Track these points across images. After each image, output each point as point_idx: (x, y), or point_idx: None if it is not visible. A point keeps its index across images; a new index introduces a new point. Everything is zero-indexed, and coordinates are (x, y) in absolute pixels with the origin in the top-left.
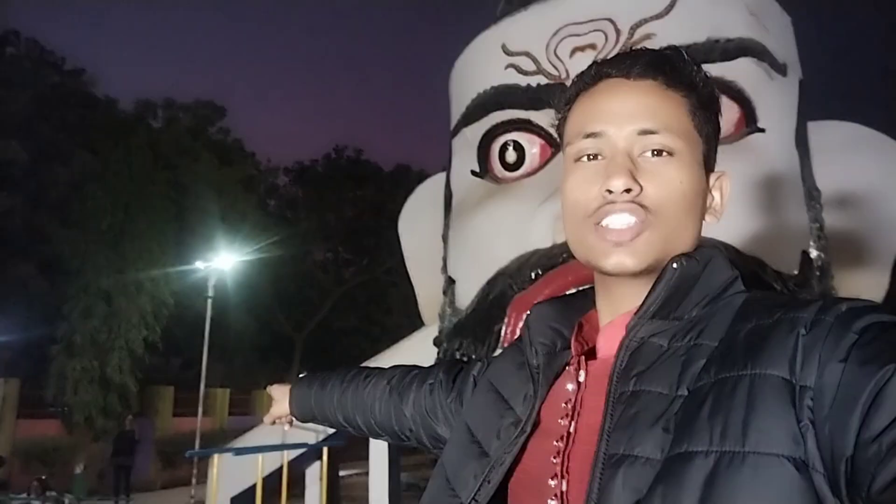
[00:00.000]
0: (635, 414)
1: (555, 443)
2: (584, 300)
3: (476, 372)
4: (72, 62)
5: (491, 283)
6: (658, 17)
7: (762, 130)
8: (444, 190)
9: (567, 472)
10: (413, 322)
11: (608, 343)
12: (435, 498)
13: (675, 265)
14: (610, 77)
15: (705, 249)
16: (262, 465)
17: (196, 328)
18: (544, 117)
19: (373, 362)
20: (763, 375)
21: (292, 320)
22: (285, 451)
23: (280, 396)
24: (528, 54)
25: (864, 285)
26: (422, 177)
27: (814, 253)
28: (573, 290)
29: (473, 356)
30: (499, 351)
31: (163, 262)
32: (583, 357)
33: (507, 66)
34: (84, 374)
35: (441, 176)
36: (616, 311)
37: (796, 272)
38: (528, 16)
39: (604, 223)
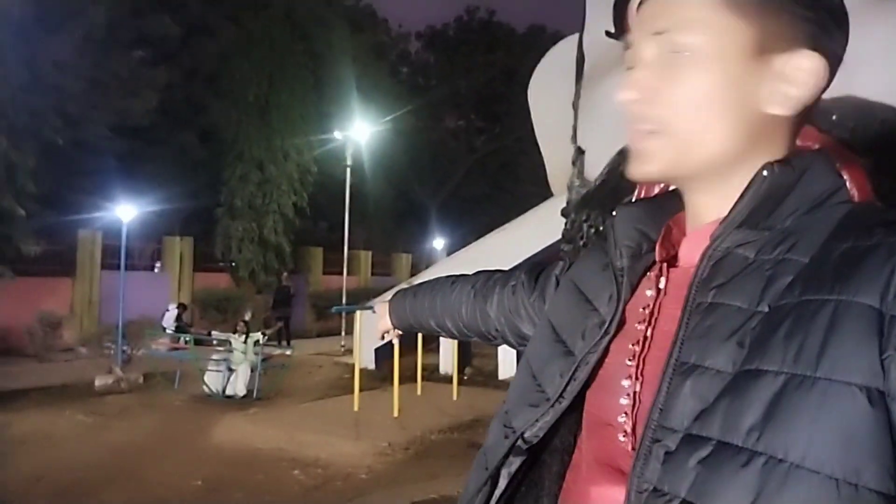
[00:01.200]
0: (710, 326)
1: (630, 346)
2: (675, 201)
3: (558, 272)
4: None
5: (621, 154)
6: None
7: None
8: (576, 54)
9: (641, 374)
10: (543, 191)
11: (691, 251)
12: (523, 391)
13: (765, 172)
14: None
15: (804, 155)
16: None
17: (338, 195)
18: None
19: (502, 231)
20: (850, 303)
21: (426, 188)
22: None
23: (382, 312)
24: None
25: None
26: (557, 38)
27: None
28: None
29: (601, 228)
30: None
31: (305, 131)
32: (665, 264)
33: None
34: (245, 234)
35: (572, 39)
36: (698, 219)
37: None
38: None
39: (629, 135)
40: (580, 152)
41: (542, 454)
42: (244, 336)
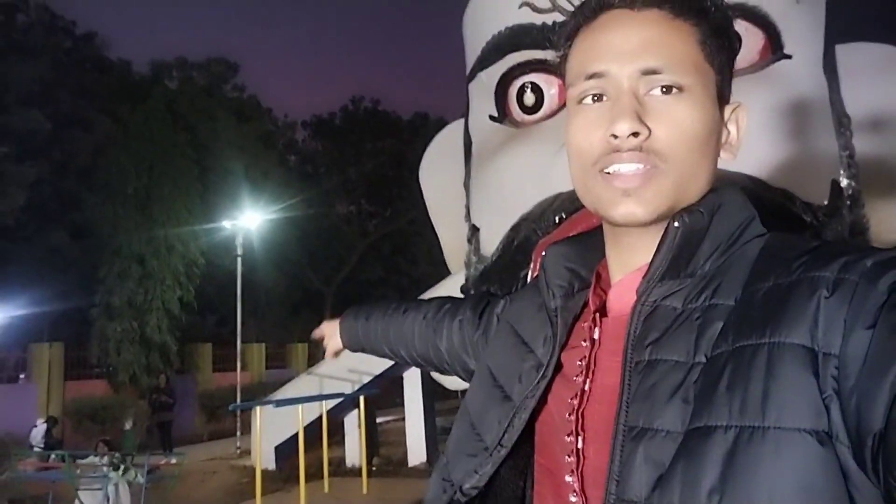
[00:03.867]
0: (653, 385)
1: (570, 400)
2: (602, 239)
3: (499, 310)
4: (83, 26)
5: (515, 229)
6: None
7: (788, 57)
8: (462, 137)
9: (582, 429)
10: (439, 271)
11: (619, 301)
12: (461, 442)
13: (676, 223)
14: (612, 8)
15: (713, 195)
16: (302, 415)
17: (228, 286)
18: None
19: None
20: (783, 344)
21: (321, 275)
22: (324, 402)
23: (331, 331)
24: None
25: None
26: (441, 124)
27: (844, 182)
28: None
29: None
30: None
31: (190, 222)
32: (597, 314)
33: (521, 6)
34: (125, 334)
35: (459, 123)
36: (625, 264)
37: (826, 202)
38: None
39: (610, 170)
40: (475, 230)
41: None
42: (104, 456)
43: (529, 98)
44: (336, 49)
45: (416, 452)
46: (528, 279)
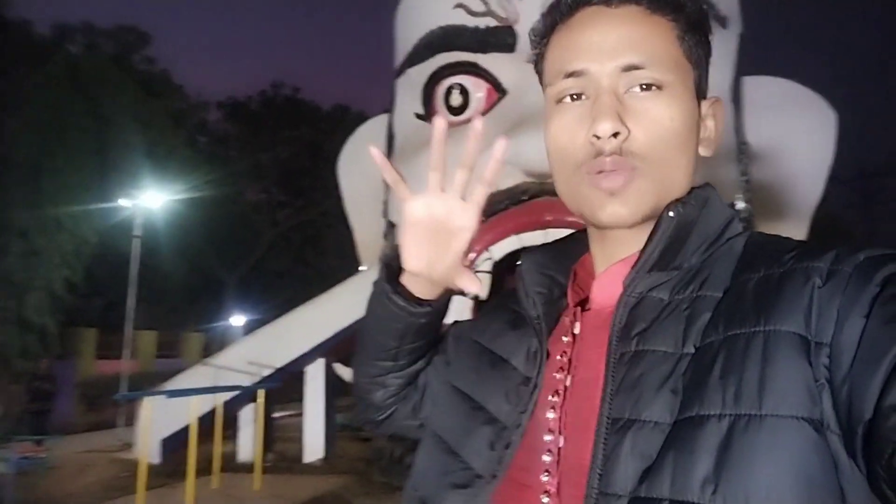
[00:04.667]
0: (640, 376)
1: (550, 397)
2: (577, 244)
3: (457, 332)
4: None
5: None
6: None
7: None
8: (386, 131)
9: (563, 427)
10: (349, 265)
11: (603, 293)
12: (440, 474)
13: (671, 213)
14: (588, 5)
15: (700, 190)
16: (194, 408)
17: (122, 269)
18: (491, 61)
19: (313, 304)
20: (777, 332)
21: (224, 262)
22: (219, 394)
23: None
24: None
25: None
26: (361, 118)
27: (740, 205)
28: (550, 236)
29: None
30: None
31: (84, 199)
32: (577, 308)
33: (455, 6)
34: None
35: (382, 118)
36: (611, 259)
37: None
38: None
39: (595, 172)
40: (391, 226)
41: None
42: None
43: (457, 99)
44: (258, 31)
45: (313, 449)
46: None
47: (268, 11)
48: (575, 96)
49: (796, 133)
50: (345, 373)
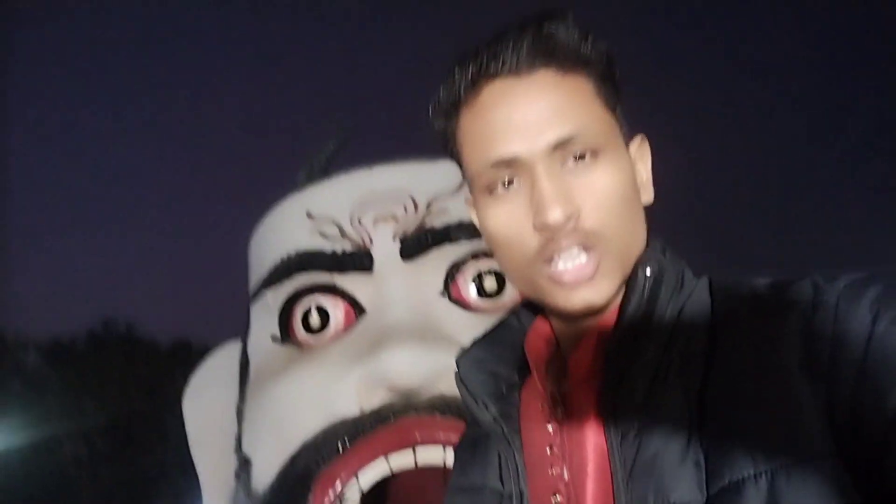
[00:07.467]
0: (654, 455)
1: (550, 497)
2: (510, 330)
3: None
4: None
5: (294, 458)
6: (451, 194)
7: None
8: (240, 358)
9: None
10: None
11: (580, 367)
12: None
13: (647, 272)
14: (494, 78)
15: (655, 242)
16: None
17: None
18: (349, 282)
19: None
20: (784, 376)
21: None
22: None
23: None
24: (332, 221)
25: None
26: (205, 352)
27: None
28: (420, 455)
29: None
30: None
31: None
32: (554, 391)
33: (311, 232)
34: None
35: (230, 346)
36: (580, 330)
37: None
38: (332, 185)
39: (555, 266)
40: (246, 463)
41: None
42: None
43: (315, 320)
44: (87, 263)
45: None
46: None
47: (101, 245)
48: (508, 182)
49: None
50: None
